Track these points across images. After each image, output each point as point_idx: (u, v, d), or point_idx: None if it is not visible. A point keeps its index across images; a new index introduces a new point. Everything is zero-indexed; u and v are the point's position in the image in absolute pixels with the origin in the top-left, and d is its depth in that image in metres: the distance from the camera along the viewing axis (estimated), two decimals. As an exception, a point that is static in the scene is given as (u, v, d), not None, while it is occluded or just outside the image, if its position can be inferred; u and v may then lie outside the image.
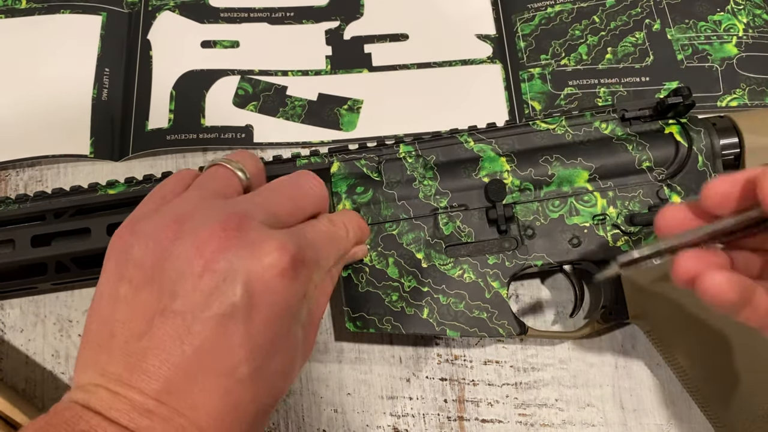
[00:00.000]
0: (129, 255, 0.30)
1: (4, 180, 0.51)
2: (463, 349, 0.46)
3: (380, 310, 0.41)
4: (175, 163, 0.51)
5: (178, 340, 0.28)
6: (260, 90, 0.53)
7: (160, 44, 0.55)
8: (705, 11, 0.54)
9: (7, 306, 0.48)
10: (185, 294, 0.28)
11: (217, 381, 0.28)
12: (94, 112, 0.52)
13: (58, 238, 0.42)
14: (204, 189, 0.33)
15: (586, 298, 0.45)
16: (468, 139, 0.43)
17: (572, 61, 0.53)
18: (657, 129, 0.43)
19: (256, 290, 0.29)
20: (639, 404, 0.44)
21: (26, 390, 0.46)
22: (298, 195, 0.35)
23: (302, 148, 0.51)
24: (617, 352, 0.45)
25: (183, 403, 0.27)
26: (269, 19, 0.56)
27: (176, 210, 0.31)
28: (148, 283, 0.29)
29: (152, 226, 0.30)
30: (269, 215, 0.32)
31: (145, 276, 0.29)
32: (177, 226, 0.30)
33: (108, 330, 0.29)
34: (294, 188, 0.35)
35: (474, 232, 0.42)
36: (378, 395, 0.45)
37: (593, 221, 0.42)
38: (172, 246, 0.29)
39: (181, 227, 0.30)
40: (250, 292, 0.28)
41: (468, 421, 0.44)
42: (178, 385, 0.27)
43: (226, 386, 0.28)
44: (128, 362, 0.28)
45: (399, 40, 0.55)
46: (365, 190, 0.42)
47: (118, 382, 0.28)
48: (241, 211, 0.31)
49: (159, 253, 0.29)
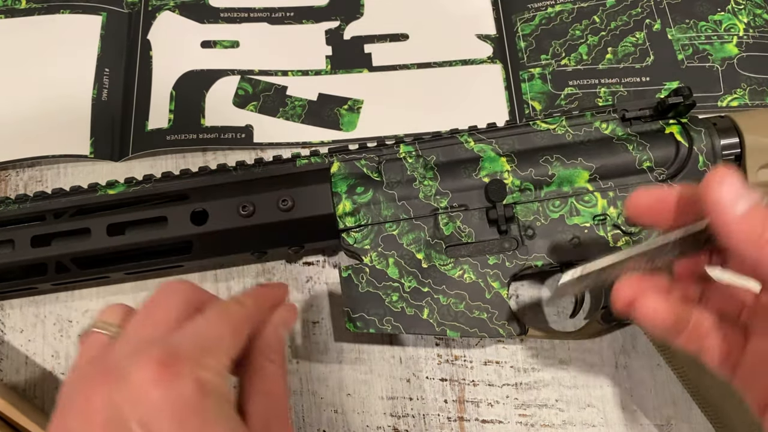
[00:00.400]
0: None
1: (4, 180, 0.51)
2: (463, 349, 0.46)
3: (380, 311, 0.41)
4: (175, 163, 0.51)
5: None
6: (260, 90, 0.53)
7: (160, 44, 0.55)
8: (705, 11, 0.54)
9: (7, 306, 0.47)
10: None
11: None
12: (94, 112, 0.52)
13: (58, 238, 0.42)
14: (78, 366, 0.32)
15: (586, 298, 0.45)
16: (468, 139, 0.43)
17: (572, 61, 0.53)
18: (657, 129, 0.43)
19: (143, 411, 0.27)
20: (639, 405, 0.44)
21: (26, 390, 0.46)
22: (155, 309, 0.32)
23: (302, 148, 0.51)
24: (617, 352, 0.45)
25: None
26: (269, 19, 0.56)
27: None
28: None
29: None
30: (132, 342, 0.30)
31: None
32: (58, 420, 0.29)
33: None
34: (152, 306, 0.33)
35: (474, 233, 0.42)
36: (378, 395, 0.45)
37: (594, 221, 0.42)
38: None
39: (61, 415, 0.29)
40: (140, 417, 0.27)
41: (468, 421, 0.44)
42: None
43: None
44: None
45: (399, 40, 0.55)
46: (365, 190, 0.42)
47: None
48: (99, 355, 0.30)
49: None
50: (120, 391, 0.27)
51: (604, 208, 0.42)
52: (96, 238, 0.42)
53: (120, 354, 0.29)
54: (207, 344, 0.30)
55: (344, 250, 0.43)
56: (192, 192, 0.42)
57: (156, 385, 0.27)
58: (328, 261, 0.48)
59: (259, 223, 0.42)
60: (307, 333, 0.46)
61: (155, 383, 0.27)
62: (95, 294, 0.48)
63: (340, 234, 0.42)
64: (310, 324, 0.47)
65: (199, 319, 0.31)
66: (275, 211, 0.42)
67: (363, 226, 0.42)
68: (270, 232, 0.42)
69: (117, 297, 0.47)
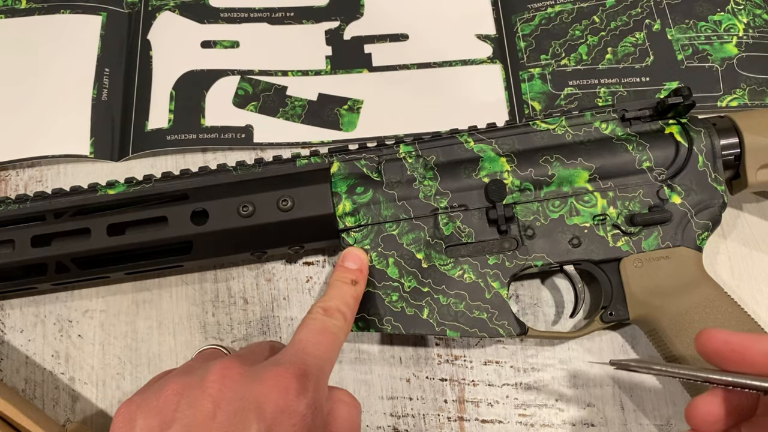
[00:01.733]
0: (134, 424, 0.30)
1: (4, 180, 0.51)
2: (463, 349, 0.46)
3: (380, 311, 0.41)
4: (175, 163, 0.51)
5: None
6: (260, 90, 0.53)
7: (160, 44, 0.55)
8: (705, 11, 0.54)
9: (7, 306, 0.48)
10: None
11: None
12: (94, 112, 0.52)
13: (58, 238, 0.42)
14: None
15: (586, 298, 0.45)
16: (468, 139, 0.43)
17: (572, 61, 0.53)
18: (657, 129, 0.43)
19: (267, 411, 0.29)
20: (639, 404, 0.44)
21: (26, 390, 0.46)
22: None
23: (302, 148, 0.51)
24: (617, 352, 0.45)
25: None
26: (269, 19, 0.56)
27: (173, 383, 0.32)
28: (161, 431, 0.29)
29: (155, 399, 0.31)
30: (253, 355, 0.35)
31: (158, 429, 0.29)
32: (177, 396, 0.31)
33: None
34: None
35: (474, 233, 0.42)
36: (378, 395, 0.45)
37: (593, 221, 0.42)
38: (176, 410, 0.30)
39: (182, 391, 0.31)
40: (263, 415, 0.29)
41: (468, 421, 0.44)
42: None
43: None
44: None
45: (399, 40, 0.55)
46: (365, 191, 0.42)
47: None
48: (241, 357, 0.33)
49: (166, 414, 0.30)
50: (253, 387, 0.30)
51: (603, 208, 0.42)
52: (96, 238, 0.42)
53: (254, 362, 0.33)
54: (325, 367, 0.33)
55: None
56: (192, 192, 0.42)
57: (286, 394, 0.30)
58: (328, 261, 0.48)
59: (259, 223, 0.42)
60: (307, 333, 0.46)
61: (286, 392, 0.30)
62: (95, 294, 0.48)
63: (340, 234, 0.42)
64: (310, 324, 0.47)
65: (318, 334, 0.35)
66: (275, 211, 0.42)
67: (363, 226, 0.42)
68: (270, 232, 0.42)
69: (117, 297, 0.47)
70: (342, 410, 0.34)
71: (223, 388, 0.30)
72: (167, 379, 0.32)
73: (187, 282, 0.48)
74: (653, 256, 0.41)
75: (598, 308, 0.43)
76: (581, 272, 0.43)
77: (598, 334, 0.46)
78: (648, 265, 0.41)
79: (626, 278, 0.42)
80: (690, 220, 0.42)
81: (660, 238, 0.41)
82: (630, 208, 0.42)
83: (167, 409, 0.30)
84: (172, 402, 0.30)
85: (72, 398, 0.45)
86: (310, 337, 0.34)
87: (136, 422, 0.30)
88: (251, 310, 0.47)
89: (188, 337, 0.47)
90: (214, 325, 0.47)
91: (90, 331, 0.47)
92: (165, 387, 0.31)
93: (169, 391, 0.30)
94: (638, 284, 0.41)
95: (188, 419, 0.29)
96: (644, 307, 0.41)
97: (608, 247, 0.42)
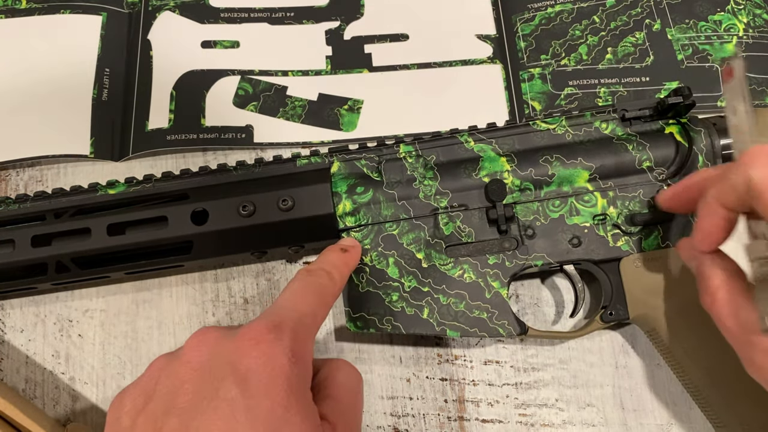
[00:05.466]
0: (123, 408, 0.31)
1: (4, 180, 0.51)
2: (463, 349, 0.46)
3: (380, 310, 0.41)
4: (175, 163, 0.51)
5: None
6: (260, 90, 0.53)
7: (160, 44, 0.55)
8: (705, 11, 0.54)
9: (7, 306, 0.48)
10: (183, 396, 0.29)
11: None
12: (94, 112, 0.52)
13: (58, 238, 0.42)
14: None
15: (586, 298, 0.45)
16: (468, 139, 0.43)
17: (572, 61, 0.53)
18: (657, 129, 0.43)
19: (241, 364, 0.29)
20: (639, 404, 0.44)
21: (26, 390, 0.46)
22: None
23: (302, 148, 0.51)
24: (617, 352, 0.45)
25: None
26: (269, 19, 0.56)
27: (156, 362, 0.32)
28: (145, 406, 0.30)
29: (140, 381, 0.32)
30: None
31: (142, 405, 0.30)
32: (158, 371, 0.31)
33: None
34: None
35: (474, 232, 0.42)
36: (378, 395, 0.45)
37: (593, 221, 0.42)
38: (157, 383, 0.31)
39: (163, 367, 0.32)
40: (236, 368, 0.29)
41: (468, 421, 0.44)
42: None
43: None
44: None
45: (399, 40, 0.55)
46: (365, 190, 0.42)
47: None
48: (221, 326, 0.34)
49: (149, 389, 0.31)
50: (226, 345, 0.30)
51: (603, 207, 0.42)
52: (96, 238, 0.42)
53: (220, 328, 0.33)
54: (304, 320, 0.33)
55: (344, 249, 0.43)
56: (192, 192, 0.42)
57: (258, 345, 0.30)
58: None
59: (259, 223, 0.42)
60: (307, 333, 0.46)
61: (258, 343, 0.30)
62: (95, 294, 0.48)
63: (340, 234, 0.42)
64: (310, 324, 0.47)
65: (294, 291, 0.35)
66: (275, 211, 0.42)
67: (363, 225, 0.42)
68: (270, 232, 0.42)
69: (117, 297, 0.47)
70: (340, 376, 0.34)
71: (199, 353, 0.30)
72: (153, 361, 0.32)
73: (187, 282, 0.48)
74: (653, 256, 0.41)
75: (598, 308, 0.43)
76: (581, 272, 0.43)
77: (598, 334, 0.46)
78: (648, 265, 0.41)
79: (626, 278, 0.42)
80: (690, 220, 0.42)
81: (660, 238, 0.41)
82: (630, 207, 0.42)
83: (150, 385, 0.31)
84: (154, 377, 0.31)
85: (72, 398, 0.45)
86: (287, 295, 0.34)
87: (124, 405, 0.31)
88: (251, 309, 0.47)
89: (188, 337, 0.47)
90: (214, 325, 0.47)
91: (90, 330, 0.47)
92: (149, 367, 0.32)
93: (153, 368, 0.31)
94: (638, 284, 0.41)
95: (167, 388, 0.30)
96: (644, 307, 0.41)
97: (608, 246, 0.42)
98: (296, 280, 0.36)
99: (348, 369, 0.35)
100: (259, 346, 0.30)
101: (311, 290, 0.35)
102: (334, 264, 0.38)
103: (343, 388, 0.34)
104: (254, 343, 0.30)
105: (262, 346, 0.30)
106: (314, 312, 0.34)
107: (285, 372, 0.30)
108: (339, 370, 0.34)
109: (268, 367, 0.29)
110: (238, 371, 0.29)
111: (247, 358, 0.29)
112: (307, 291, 0.35)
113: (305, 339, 0.32)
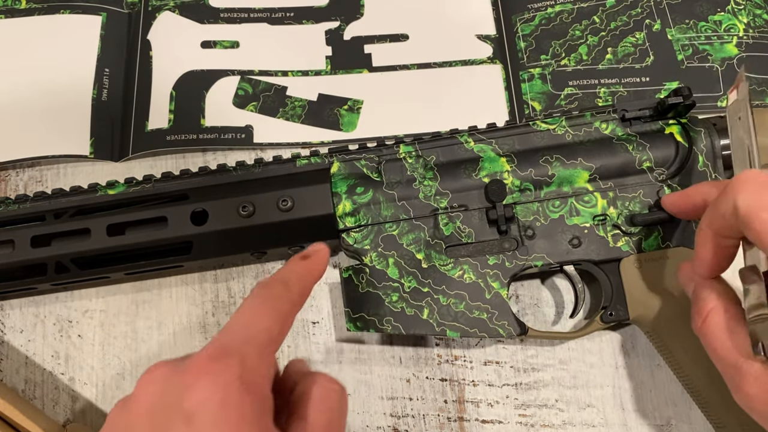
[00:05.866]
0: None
1: (4, 180, 0.51)
2: (463, 349, 0.46)
3: (380, 311, 0.41)
4: (175, 163, 0.51)
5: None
6: (260, 90, 0.53)
7: (160, 44, 0.55)
8: (705, 11, 0.54)
9: (7, 306, 0.47)
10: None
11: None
12: (94, 112, 0.52)
13: (58, 239, 0.42)
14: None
15: (586, 298, 0.45)
16: (468, 140, 0.43)
17: (572, 61, 0.53)
18: (657, 129, 0.43)
19: (189, 401, 0.28)
20: (639, 405, 0.44)
21: (26, 391, 0.46)
22: None
23: (302, 148, 0.51)
24: (617, 352, 0.45)
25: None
26: (269, 19, 0.56)
27: (116, 406, 0.31)
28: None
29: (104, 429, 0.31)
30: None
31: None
32: (117, 416, 0.30)
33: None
34: None
35: (474, 233, 0.42)
36: (378, 396, 0.45)
37: (593, 222, 0.42)
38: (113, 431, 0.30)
39: (119, 411, 0.30)
40: (184, 406, 0.28)
41: (468, 421, 0.44)
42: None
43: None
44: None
45: (399, 40, 0.55)
46: (365, 191, 0.42)
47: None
48: (175, 359, 0.31)
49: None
50: (173, 381, 0.29)
51: (603, 208, 0.42)
52: (96, 238, 0.42)
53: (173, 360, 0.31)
54: (256, 339, 0.30)
55: (344, 250, 0.43)
56: (192, 192, 0.42)
57: (202, 378, 0.28)
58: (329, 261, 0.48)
59: (259, 223, 0.42)
60: (307, 333, 0.46)
61: (202, 376, 0.28)
62: (95, 294, 0.48)
63: (340, 234, 0.42)
64: (310, 324, 0.47)
65: (246, 308, 0.32)
66: (275, 211, 0.42)
67: (363, 226, 0.42)
68: (270, 232, 0.42)
69: (117, 297, 0.47)
70: (317, 392, 0.31)
71: (148, 394, 0.29)
72: (114, 406, 0.31)
73: (187, 282, 0.48)
74: (653, 257, 0.41)
75: (598, 308, 0.43)
76: (581, 272, 0.43)
77: (598, 335, 0.46)
78: (648, 266, 0.41)
79: (626, 278, 0.41)
80: (690, 222, 0.42)
81: (660, 239, 0.41)
82: (630, 208, 0.42)
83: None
84: (112, 425, 0.30)
85: (72, 398, 0.45)
86: (238, 314, 0.32)
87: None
88: (251, 310, 0.47)
89: (188, 337, 0.47)
90: (214, 325, 0.47)
91: (90, 331, 0.47)
92: (109, 414, 0.31)
93: (112, 414, 0.30)
94: (638, 284, 0.41)
95: None
96: (644, 308, 0.41)
97: (608, 247, 0.42)
98: (250, 295, 0.33)
99: (327, 385, 0.32)
100: (204, 380, 0.28)
101: (265, 305, 0.32)
102: (292, 270, 0.35)
103: (319, 407, 0.31)
104: (198, 377, 0.28)
105: (207, 378, 0.28)
106: (269, 328, 0.31)
107: (234, 403, 0.28)
108: (317, 384, 0.31)
109: (214, 401, 0.27)
110: (184, 409, 0.27)
111: (193, 393, 0.28)
112: (261, 306, 0.32)
113: (258, 361, 0.30)
